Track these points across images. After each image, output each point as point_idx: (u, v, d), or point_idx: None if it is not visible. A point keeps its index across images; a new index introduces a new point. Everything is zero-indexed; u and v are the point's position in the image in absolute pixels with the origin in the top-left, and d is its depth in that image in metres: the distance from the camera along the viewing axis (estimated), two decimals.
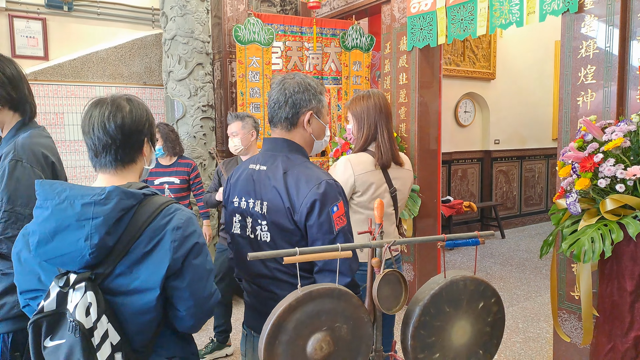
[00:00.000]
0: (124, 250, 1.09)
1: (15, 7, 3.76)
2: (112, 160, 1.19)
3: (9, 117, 1.52)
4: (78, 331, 1.01)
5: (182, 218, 1.15)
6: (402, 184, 2.22)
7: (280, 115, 1.46)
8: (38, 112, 3.73)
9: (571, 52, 2.82)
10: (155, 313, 1.13)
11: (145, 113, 1.24)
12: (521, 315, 3.88)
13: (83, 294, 1.03)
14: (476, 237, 1.38)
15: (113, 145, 1.18)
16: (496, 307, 1.42)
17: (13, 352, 1.44)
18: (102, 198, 1.06)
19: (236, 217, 1.53)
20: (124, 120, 1.17)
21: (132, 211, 1.10)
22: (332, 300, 1.21)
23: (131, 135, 1.19)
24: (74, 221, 1.05)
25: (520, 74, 6.98)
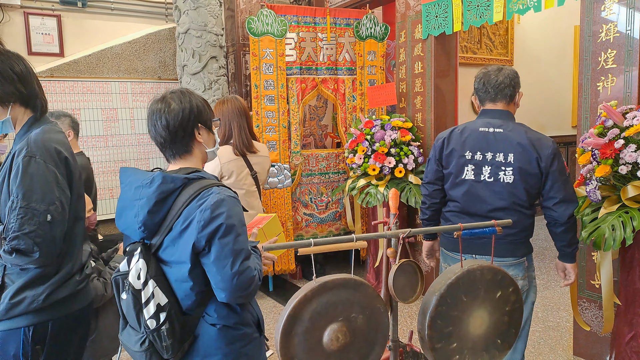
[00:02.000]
0: (169, 226, 1.28)
1: (31, 4, 3.81)
2: (171, 155, 1.39)
3: (21, 113, 1.52)
4: (129, 291, 1.25)
5: (212, 201, 1.26)
6: (261, 168, 2.81)
7: (505, 92, 2.10)
8: (55, 109, 3.81)
9: (591, 37, 2.74)
10: (192, 282, 1.27)
11: (189, 105, 1.37)
12: (540, 304, 3.83)
13: (137, 261, 1.26)
14: (493, 226, 1.36)
15: (165, 143, 1.36)
16: (514, 297, 1.41)
17: (34, 346, 1.46)
18: (147, 182, 1.28)
19: (468, 167, 2.09)
20: (167, 121, 1.34)
21: (176, 193, 1.28)
22: (348, 290, 1.21)
23: (176, 133, 1.35)
24: (130, 201, 1.30)
25: (539, 61, 6.83)
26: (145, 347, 1.25)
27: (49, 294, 1.46)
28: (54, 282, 1.47)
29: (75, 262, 1.53)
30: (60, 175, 1.44)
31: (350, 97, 4.36)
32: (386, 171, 3.75)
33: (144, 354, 1.26)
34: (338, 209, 4.43)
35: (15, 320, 1.45)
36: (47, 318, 1.48)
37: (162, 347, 1.25)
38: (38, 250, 1.36)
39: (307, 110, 4.84)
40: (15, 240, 1.34)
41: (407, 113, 4.11)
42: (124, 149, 4.15)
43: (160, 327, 1.23)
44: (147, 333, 1.24)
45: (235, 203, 1.30)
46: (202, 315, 1.32)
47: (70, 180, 1.51)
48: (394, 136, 3.74)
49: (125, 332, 1.34)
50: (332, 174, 4.40)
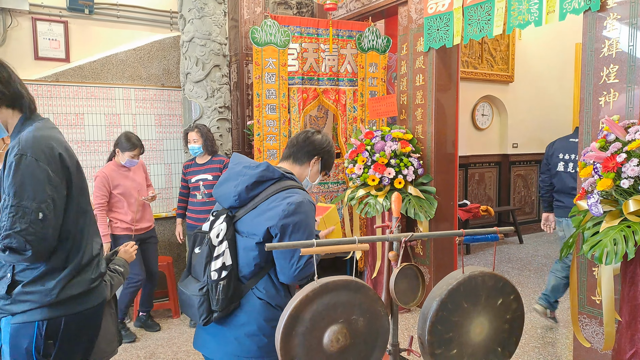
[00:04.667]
0: (255, 205, 1.55)
1: (38, 10, 3.85)
2: (288, 156, 1.73)
3: (10, 115, 1.52)
4: (207, 244, 1.54)
5: (298, 200, 1.51)
6: None
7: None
8: (59, 113, 3.84)
9: (593, 52, 2.77)
10: (256, 252, 1.52)
11: (323, 143, 1.74)
12: (539, 321, 3.80)
13: (221, 223, 1.55)
14: (495, 232, 1.36)
15: (294, 148, 1.73)
16: (515, 304, 1.40)
17: (47, 340, 1.47)
18: (255, 165, 1.59)
19: (560, 162, 3.61)
20: (306, 139, 1.72)
21: (271, 182, 1.57)
22: (349, 292, 1.20)
23: (304, 147, 1.71)
24: (235, 175, 1.60)
25: (540, 77, 6.89)
26: (202, 292, 1.50)
27: (62, 289, 1.47)
28: (64, 276, 1.48)
29: (83, 255, 1.53)
30: (52, 172, 1.43)
31: (351, 107, 4.39)
32: (386, 182, 3.75)
33: (199, 298, 1.50)
34: None
35: (29, 313, 1.46)
36: (61, 314, 1.50)
37: (214, 298, 1.48)
38: (30, 248, 1.36)
39: (308, 120, 4.86)
40: (8, 238, 1.35)
41: (407, 125, 4.13)
42: None
43: (219, 280, 1.48)
44: (208, 282, 1.49)
45: (313, 209, 1.56)
46: (252, 288, 1.53)
47: (67, 175, 1.49)
48: (394, 147, 3.75)
49: (186, 282, 1.63)
50: (332, 184, 4.40)
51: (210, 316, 1.51)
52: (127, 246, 2.49)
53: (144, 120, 4.22)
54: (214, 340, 1.56)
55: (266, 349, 1.50)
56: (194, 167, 3.73)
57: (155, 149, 4.28)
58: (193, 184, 3.70)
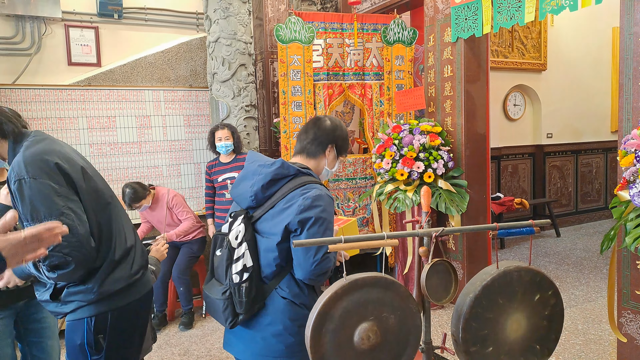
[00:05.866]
0: (273, 203, 1.51)
1: (71, 17, 3.96)
2: (301, 150, 1.66)
3: (1, 146, 1.53)
4: (227, 247, 1.50)
5: (314, 194, 1.48)
6: None
7: None
8: (91, 117, 3.94)
9: (631, 35, 2.63)
10: (277, 253, 1.48)
11: (335, 128, 1.66)
12: (581, 316, 3.67)
13: (239, 224, 1.52)
14: (531, 225, 1.31)
15: (307, 142, 1.65)
16: (554, 300, 1.34)
17: (97, 335, 1.53)
18: (269, 163, 1.55)
19: None
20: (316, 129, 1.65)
21: (287, 179, 1.53)
22: (379, 289, 1.18)
23: (316, 139, 1.63)
24: (250, 174, 1.57)
25: (574, 64, 6.63)
26: (225, 296, 1.49)
27: (101, 285, 1.51)
28: (100, 273, 1.51)
29: (115, 249, 1.55)
30: (55, 184, 1.42)
31: (377, 102, 4.33)
32: (415, 176, 3.69)
33: (222, 302, 1.49)
34: (365, 215, 4.38)
35: (78, 312, 1.53)
36: (106, 309, 1.55)
37: (237, 301, 1.47)
38: (71, 259, 1.39)
39: (335, 115, 4.84)
40: (48, 259, 1.38)
41: (436, 117, 4.05)
42: (157, 155, 4.24)
43: (241, 283, 1.46)
44: (230, 285, 1.48)
45: (331, 202, 1.52)
46: (276, 288, 1.51)
47: (70, 181, 1.48)
48: (422, 140, 3.69)
49: (210, 285, 1.61)
50: (360, 180, 4.37)
51: (235, 319, 1.50)
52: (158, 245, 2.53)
53: (173, 121, 4.29)
54: (241, 341, 1.56)
55: (293, 348, 1.48)
56: (219, 166, 3.77)
57: (185, 149, 4.35)
58: (220, 184, 3.74)
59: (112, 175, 4.05)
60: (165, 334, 3.64)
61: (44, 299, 1.54)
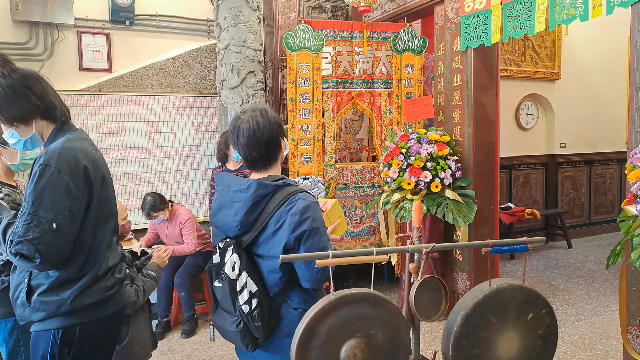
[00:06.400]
0: (262, 226, 1.46)
1: (83, 23, 4.03)
2: (262, 166, 1.56)
3: (44, 127, 1.57)
4: (225, 280, 1.46)
5: (300, 206, 1.44)
6: None
7: None
8: (101, 122, 4.00)
9: None
10: (281, 274, 1.46)
11: (274, 118, 1.55)
12: (588, 331, 3.60)
13: (231, 255, 1.47)
14: (525, 243, 1.29)
15: (261, 156, 1.53)
16: (548, 319, 1.31)
17: (61, 348, 1.49)
18: (245, 187, 1.47)
19: None
20: (264, 134, 1.50)
21: (267, 198, 1.47)
22: (368, 306, 1.17)
23: (271, 144, 1.53)
24: (228, 202, 1.51)
25: (588, 74, 6.54)
26: (240, 328, 1.46)
27: (76, 298, 1.48)
28: (79, 286, 1.49)
29: (100, 266, 1.54)
30: (73, 184, 1.44)
31: (386, 110, 4.32)
32: (422, 185, 3.66)
33: (239, 334, 1.47)
34: (372, 224, 4.37)
35: (46, 322, 1.49)
36: (76, 322, 1.51)
37: (254, 327, 1.45)
38: (39, 257, 1.37)
39: (343, 123, 4.84)
40: (19, 244, 1.37)
41: (444, 127, 4.02)
42: (165, 160, 4.28)
43: (253, 311, 1.44)
44: (242, 316, 1.45)
45: (318, 208, 1.49)
46: (286, 300, 1.50)
47: (90, 188, 1.50)
48: (430, 150, 3.66)
49: (218, 315, 1.57)
50: (367, 188, 4.35)
51: (256, 342, 1.49)
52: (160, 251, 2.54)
53: (182, 127, 4.33)
54: (260, 355, 1.54)
55: None
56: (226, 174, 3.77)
57: (193, 154, 4.39)
58: None
59: (121, 180, 4.10)
60: (168, 340, 3.65)
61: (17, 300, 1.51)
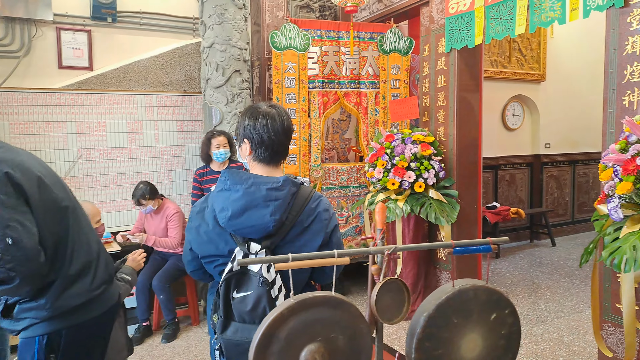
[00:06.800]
0: (290, 224, 1.40)
1: (63, 19, 3.97)
2: (278, 160, 1.50)
3: None
4: (264, 284, 1.34)
5: (326, 203, 1.50)
6: None
7: None
8: (81, 121, 3.97)
9: (616, 49, 2.63)
10: (310, 272, 1.48)
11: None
12: (567, 327, 3.64)
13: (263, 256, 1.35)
14: (488, 243, 1.31)
15: (283, 148, 1.49)
16: (511, 319, 1.34)
17: (48, 354, 1.46)
18: (279, 184, 1.39)
19: None
20: (289, 127, 1.49)
21: (295, 196, 1.42)
22: (329, 309, 1.18)
23: (290, 138, 1.50)
24: (261, 201, 1.37)
25: (573, 76, 6.60)
26: None
27: (55, 302, 1.44)
28: (54, 290, 1.45)
29: (72, 262, 1.48)
30: (2, 194, 1.32)
31: (372, 110, 4.34)
32: (406, 186, 3.69)
33: None
34: (358, 224, 4.39)
35: (30, 329, 1.46)
36: (60, 326, 1.47)
37: None
38: (15, 274, 1.30)
39: (331, 123, 4.85)
40: None
41: (429, 127, 4.04)
42: (148, 161, 4.26)
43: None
44: None
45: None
46: None
47: (22, 192, 1.37)
48: (414, 150, 3.69)
49: (236, 330, 1.39)
50: (353, 188, 4.37)
51: None
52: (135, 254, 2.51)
53: (166, 126, 4.31)
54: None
55: None
56: (211, 174, 3.76)
57: (177, 155, 4.38)
58: None
59: (101, 181, 4.07)
60: (149, 345, 3.58)
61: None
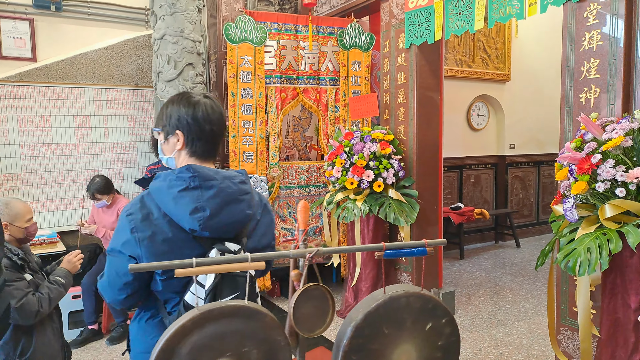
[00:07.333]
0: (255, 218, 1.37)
1: (2, 7, 3.72)
2: (216, 152, 1.42)
3: None
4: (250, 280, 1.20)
5: (262, 193, 1.43)
6: None
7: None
8: (23, 115, 3.72)
9: (573, 45, 2.58)
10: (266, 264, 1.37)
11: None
12: (527, 331, 3.60)
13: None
14: (423, 246, 1.18)
15: (219, 139, 1.39)
16: (449, 329, 1.22)
17: None
18: (244, 178, 1.34)
19: None
20: (222, 116, 1.40)
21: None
22: (240, 320, 1.03)
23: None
24: (237, 196, 1.27)
25: (538, 76, 6.65)
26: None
27: None
28: None
29: None
30: None
31: (332, 107, 4.21)
32: (364, 185, 3.57)
33: None
34: (319, 224, 4.25)
35: None
36: None
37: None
38: None
39: (291, 121, 4.70)
40: None
41: (390, 125, 3.95)
42: (97, 158, 4.03)
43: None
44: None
45: None
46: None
47: None
48: (373, 149, 3.58)
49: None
50: (313, 187, 4.23)
51: None
52: (70, 255, 2.33)
53: (116, 121, 4.08)
54: None
55: None
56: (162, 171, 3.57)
57: (129, 151, 4.15)
58: None
59: (46, 178, 3.82)
60: (95, 349, 3.40)
61: None
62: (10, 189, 3.73)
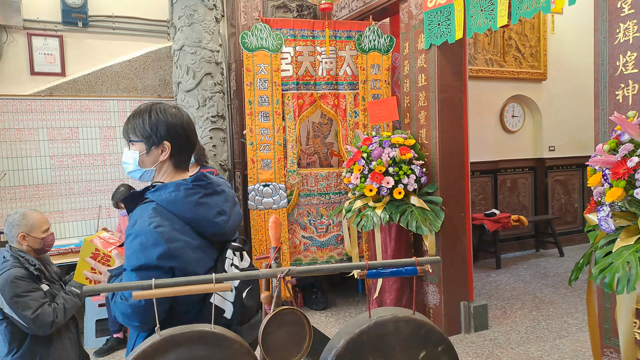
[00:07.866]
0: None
1: (33, 25, 3.86)
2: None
3: None
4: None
5: None
6: None
7: None
8: (53, 127, 3.82)
9: (606, 38, 2.36)
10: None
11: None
12: (569, 349, 3.32)
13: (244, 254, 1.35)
14: (413, 264, 1.05)
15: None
16: (446, 358, 1.08)
17: None
18: (223, 182, 1.40)
19: None
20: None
21: None
22: (205, 347, 0.94)
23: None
24: (233, 200, 1.38)
25: (577, 73, 6.27)
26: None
27: None
28: None
29: None
30: None
31: (352, 112, 4.10)
32: (384, 192, 3.43)
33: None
34: (340, 232, 4.13)
35: None
36: None
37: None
38: None
39: (311, 127, 4.62)
40: None
41: (411, 129, 3.79)
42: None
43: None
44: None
45: None
46: None
47: None
48: (392, 154, 3.43)
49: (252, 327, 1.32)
50: (333, 195, 4.12)
51: None
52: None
53: None
54: None
55: None
56: None
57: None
58: None
59: (74, 189, 3.91)
60: (121, 358, 3.41)
61: None
62: (41, 199, 3.83)
